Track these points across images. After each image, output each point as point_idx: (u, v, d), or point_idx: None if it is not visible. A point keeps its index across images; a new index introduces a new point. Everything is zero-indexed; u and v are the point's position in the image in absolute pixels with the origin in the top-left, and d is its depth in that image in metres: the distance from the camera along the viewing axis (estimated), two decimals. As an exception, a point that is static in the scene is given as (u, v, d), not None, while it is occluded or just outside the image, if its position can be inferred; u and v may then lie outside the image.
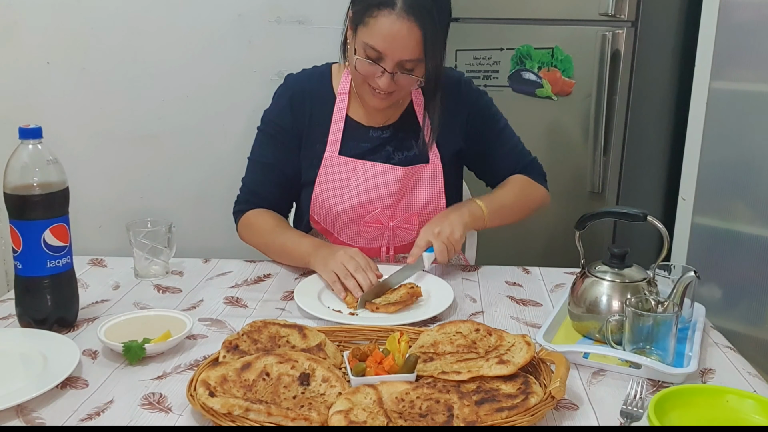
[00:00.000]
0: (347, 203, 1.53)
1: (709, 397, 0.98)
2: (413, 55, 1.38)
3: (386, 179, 1.52)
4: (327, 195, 1.54)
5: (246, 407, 0.88)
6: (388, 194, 1.53)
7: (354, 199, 1.53)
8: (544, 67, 2.34)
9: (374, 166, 1.53)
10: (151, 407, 0.97)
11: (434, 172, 1.56)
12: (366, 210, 1.54)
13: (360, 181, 1.53)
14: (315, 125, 1.55)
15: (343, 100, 1.55)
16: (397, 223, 1.56)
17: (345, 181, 1.53)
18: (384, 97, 1.45)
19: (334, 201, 1.53)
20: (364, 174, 1.53)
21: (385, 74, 1.39)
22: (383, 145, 1.56)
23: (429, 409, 0.90)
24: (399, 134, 1.57)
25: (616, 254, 1.19)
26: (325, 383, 0.96)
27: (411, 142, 1.57)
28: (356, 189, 1.53)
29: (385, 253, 1.59)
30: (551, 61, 2.32)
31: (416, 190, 1.56)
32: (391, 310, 1.29)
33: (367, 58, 1.39)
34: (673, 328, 1.07)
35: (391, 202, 1.54)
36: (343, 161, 1.53)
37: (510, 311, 1.33)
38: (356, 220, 1.54)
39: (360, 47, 1.40)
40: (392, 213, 1.55)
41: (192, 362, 1.10)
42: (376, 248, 1.59)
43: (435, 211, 1.56)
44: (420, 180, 1.56)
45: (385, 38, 1.36)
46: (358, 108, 1.57)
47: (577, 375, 1.07)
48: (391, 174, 1.52)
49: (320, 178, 1.54)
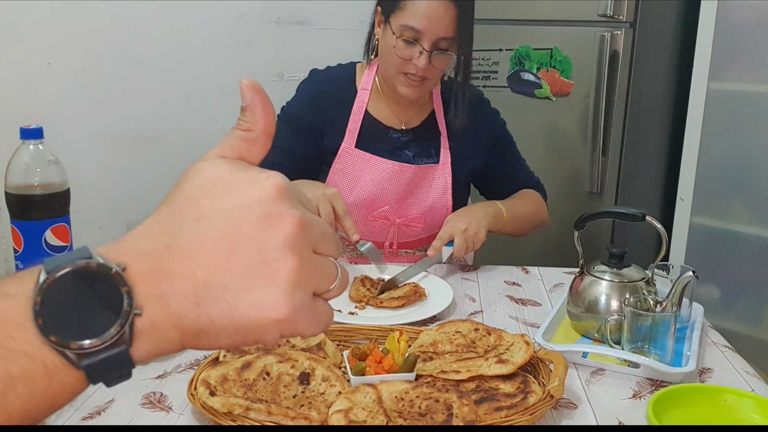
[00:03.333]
0: (357, 196, 1.56)
1: (708, 397, 0.98)
2: (449, 33, 1.43)
3: (398, 177, 1.55)
4: (339, 185, 1.57)
5: (246, 406, 0.88)
6: (398, 191, 1.56)
7: (364, 193, 1.55)
8: (543, 67, 2.34)
9: (388, 163, 1.55)
10: (151, 406, 0.97)
11: (443, 173, 1.59)
12: (374, 205, 1.57)
13: (372, 176, 1.55)
14: (337, 121, 1.58)
15: (364, 95, 1.59)
16: (403, 221, 1.59)
17: (358, 174, 1.56)
18: (418, 84, 1.48)
19: (344, 192, 1.56)
20: (376, 170, 1.55)
21: (423, 54, 1.43)
22: (402, 149, 1.59)
23: (428, 409, 0.90)
24: (419, 139, 1.60)
25: (615, 254, 1.19)
26: (325, 382, 0.96)
27: (431, 150, 1.60)
28: (367, 183, 1.55)
29: (388, 248, 1.61)
30: (550, 62, 2.33)
31: (424, 189, 1.59)
32: (395, 305, 1.30)
33: (404, 41, 1.44)
34: (672, 327, 1.07)
35: (400, 199, 1.57)
36: (358, 154, 1.56)
37: (509, 311, 1.33)
38: (364, 213, 1.56)
39: (397, 31, 1.44)
40: (399, 210, 1.58)
41: (192, 361, 1.11)
42: (379, 242, 1.61)
43: (441, 212, 1.59)
44: (429, 179, 1.59)
45: (424, 16, 1.42)
46: (382, 106, 1.60)
47: (576, 374, 1.08)
48: (402, 172, 1.55)
49: (334, 169, 1.57)
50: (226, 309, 0.41)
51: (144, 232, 0.43)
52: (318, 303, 0.44)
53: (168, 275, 0.41)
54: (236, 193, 0.42)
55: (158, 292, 0.41)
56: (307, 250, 0.43)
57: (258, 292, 0.41)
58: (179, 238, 0.42)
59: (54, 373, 0.40)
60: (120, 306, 0.40)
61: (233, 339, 0.42)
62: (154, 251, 0.41)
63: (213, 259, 0.41)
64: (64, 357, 0.40)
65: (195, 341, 0.42)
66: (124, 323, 0.40)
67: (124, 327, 0.40)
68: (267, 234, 0.41)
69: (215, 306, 0.41)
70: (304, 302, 0.42)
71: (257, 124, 0.47)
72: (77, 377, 0.41)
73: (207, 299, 0.41)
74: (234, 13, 2.51)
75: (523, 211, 1.62)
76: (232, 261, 0.41)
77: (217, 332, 0.42)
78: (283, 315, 0.41)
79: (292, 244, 0.41)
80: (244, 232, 0.41)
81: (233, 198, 0.42)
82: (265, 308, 0.41)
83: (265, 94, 0.47)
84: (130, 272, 0.40)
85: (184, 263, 0.41)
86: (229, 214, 0.42)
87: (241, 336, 0.42)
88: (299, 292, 0.42)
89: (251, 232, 0.41)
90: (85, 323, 0.40)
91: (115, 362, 0.41)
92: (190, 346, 0.43)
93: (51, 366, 0.40)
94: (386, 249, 1.61)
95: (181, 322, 0.41)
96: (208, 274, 0.41)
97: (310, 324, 0.43)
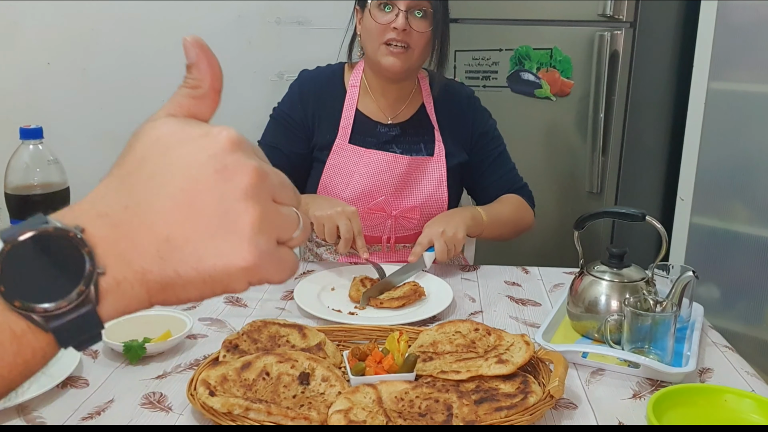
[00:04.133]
0: (353, 190, 1.58)
1: (708, 397, 0.98)
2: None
3: (392, 168, 1.58)
4: (334, 181, 1.59)
5: (246, 406, 0.88)
6: (393, 183, 1.58)
7: (360, 186, 1.58)
8: (542, 67, 2.34)
9: (381, 155, 1.58)
10: (151, 406, 0.97)
11: (438, 166, 1.62)
12: (370, 197, 1.58)
13: (367, 169, 1.58)
14: (325, 118, 1.62)
15: (353, 92, 1.63)
16: (400, 213, 1.60)
17: (352, 168, 1.59)
18: (401, 51, 1.51)
19: (340, 187, 1.58)
20: (371, 162, 1.58)
21: (400, 14, 1.48)
22: (390, 143, 1.62)
23: (428, 409, 0.90)
24: (407, 134, 1.63)
25: (615, 254, 1.19)
26: (325, 383, 0.96)
27: (419, 144, 1.62)
28: (362, 176, 1.58)
29: (386, 242, 1.63)
30: (550, 62, 2.33)
31: (420, 182, 1.61)
32: (395, 305, 1.31)
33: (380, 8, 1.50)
34: (672, 327, 1.07)
35: (395, 191, 1.59)
36: (353, 149, 1.59)
37: (509, 311, 1.33)
38: (360, 206, 1.58)
39: (373, 5, 1.51)
40: (396, 202, 1.60)
41: (192, 362, 1.11)
42: (377, 236, 1.62)
43: (437, 204, 1.61)
44: (424, 172, 1.61)
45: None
46: (369, 101, 1.63)
47: (576, 374, 1.08)
48: (396, 163, 1.58)
49: (329, 165, 1.60)
50: (191, 261, 0.41)
51: (99, 194, 0.43)
52: (282, 250, 0.44)
53: (127, 233, 0.41)
54: (189, 147, 0.42)
55: (119, 250, 0.41)
56: (267, 199, 0.43)
57: (221, 241, 0.41)
58: (135, 197, 0.42)
59: (22, 338, 0.40)
60: (82, 267, 0.40)
61: (201, 290, 0.42)
62: (111, 211, 0.42)
63: (172, 213, 0.41)
64: (30, 321, 0.40)
65: (163, 296, 0.42)
66: (89, 283, 0.40)
67: (89, 287, 0.40)
68: (225, 185, 0.41)
69: (179, 259, 0.41)
70: (269, 249, 0.43)
71: (204, 80, 0.47)
72: (47, 341, 0.41)
73: (170, 253, 0.41)
74: (234, 13, 2.51)
75: (504, 215, 1.63)
76: (192, 213, 0.41)
77: (184, 284, 0.42)
78: (249, 262, 0.41)
79: (252, 193, 0.41)
80: (201, 185, 0.41)
81: (186, 153, 0.42)
82: (230, 256, 0.41)
83: (210, 51, 0.47)
84: (88, 234, 0.41)
85: (143, 220, 0.41)
86: (184, 168, 0.41)
87: (209, 286, 0.42)
88: (263, 238, 0.42)
89: (209, 185, 0.41)
90: (49, 287, 0.40)
91: (83, 323, 0.41)
92: (158, 301, 0.43)
93: (18, 331, 0.40)
94: (384, 244, 1.63)
95: (146, 277, 0.41)
96: (168, 229, 0.41)
97: (276, 270, 0.43)
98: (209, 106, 0.47)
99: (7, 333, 0.40)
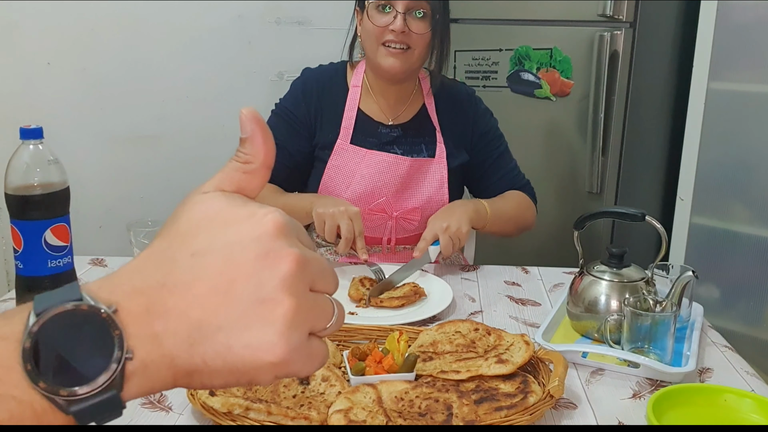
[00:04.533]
0: (354, 190, 1.58)
1: (708, 397, 0.98)
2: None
3: (393, 169, 1.58)
4: (335, 181, 1.59)
5: (246, 406, 0.88)
6: (394, 184, 1.58)
7: (361, 186, 1.57)
8: (542, 67, 2.34)
9: (382, 156, 1.58)
10: (151, 406, 0.97)
11: (439, 167, 1.62)
12: (371, 198, 1.58)
13: (368, 170, 1.58)
14: (327, 116, 1.62)
15: (355, 92, 1.62)
16: (401, 214, 1.60)
17: (354, 169, 1.58)
18: (400, 52, 1.51)
19: (341, 188, 1.58)
20: (372, 163, 1.58)
21: (398, 16, 1.48)
22: (391, 144, 1.62)
23: (428, 409, 0.90)
24: (408, 135, 1.63)
25: (615, 254, 1.20)
26: (325, 382, 0.96)
27: (420, 146, 1.62)
28: (363, 177, 1.58)
29: (386, 243, 1.63)
30: (550, 62, 2.33)
31: (421, 183, 1.61)
32: (395, 305, 1.31)
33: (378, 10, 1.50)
34: (672, 327, 1.07)
35: (396, 192, 1.59)
36: (354, 150, 1.59)
37: (509, 311, 1.33)
38: (361, 207, 1.57)
39: (371, 6, 1.50)
40: (396, 203, 1.60)
41: (192, 362, 1.10)
42: (378, 237, 1.62)
43: (438, 206, 1.60)
44: (425, 173, 1.61)
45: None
46: (371, 102, 1.63)
47: (576, 374, 1.08)
48: (398, 164, 1.58)
49: (330, 165, 1.59)
50: (220, 350, 0.40)
51: (138, 267, 0.42)
52: (313, 342, 0.43)
53: (161, 314, 0.40)
54: (234, 228, 0.41)
55: (151, 331, 0.40)
56: (304, 290, 0.42)
57: (253, 333, 0.40)
58: (174, 275, 0.40)
59: (43, 417, 0.39)
60: (111, 351, 0.39)
61: (226, 379, 0.41)
62: (147, 288, 0.40)
63: (208, 297, 0.40)
64: (53, 403, 0.39)
65: (187, 380, 0.41)
66: (116, 369, 0.39)
67: (115, 372, 0.39)
68: (264, 272, 0.40)
69: (209, 347, 0.40)
70: (300, 343, 0.41)
71: (257, 156, 0.45)
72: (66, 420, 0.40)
73: (201, 340, 0.40)
74: (234, 13, 2.51)
75: (508, 210, 1.63)
76: (228, 300, 0.40)
77: (210, 373, 0.41)
78: (279, 357, 0.40)
79: (289, 284, 0.40)
80: (241, 269, 0.40)
81: (231, 234, 0.41)
82: (260, 350, 0.40)
83: (265, 124, 0.46)
84: (122, 311, 0.39)
85: (179, 301, 0.40)
86: (226, 250, 0.40)
87: (235, 377, 0.41)
88: (295, 333, 0.41)
89: (248, 270, 0.40)
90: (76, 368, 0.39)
91: (104, 406, 0.39)
92: (182, 384, 0.42)
93: (40, 410, 0.39)
94: (384, 245, 1.62)
95: (174, 362, 0.40)
96: (202, 314, 0.40)
97: (305, 364, 0.42)
98: (259, 182, 0.46)
99: (29, 411, 0.38)
